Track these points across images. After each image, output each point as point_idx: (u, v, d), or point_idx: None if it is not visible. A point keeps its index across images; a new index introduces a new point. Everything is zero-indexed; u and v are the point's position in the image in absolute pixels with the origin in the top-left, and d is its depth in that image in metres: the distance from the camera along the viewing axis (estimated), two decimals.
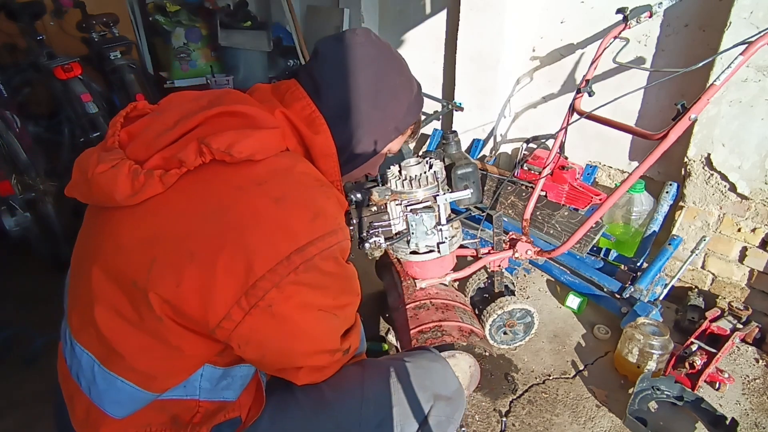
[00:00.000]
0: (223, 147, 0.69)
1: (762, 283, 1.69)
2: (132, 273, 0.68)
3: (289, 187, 0.71)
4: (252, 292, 0.65)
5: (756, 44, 1.12)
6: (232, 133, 0.71)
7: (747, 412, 1.41)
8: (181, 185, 0.70)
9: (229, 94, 0.82)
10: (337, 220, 0.73)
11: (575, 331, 1.74)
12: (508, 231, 1.62)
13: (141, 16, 3.66)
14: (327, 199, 0.73)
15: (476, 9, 2.22)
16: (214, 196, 0.69)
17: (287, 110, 0.81)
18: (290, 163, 0.75)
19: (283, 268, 0.65)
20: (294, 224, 0.68)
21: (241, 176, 0.70)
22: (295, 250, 0.66)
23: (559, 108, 2.19)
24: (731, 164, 1.61)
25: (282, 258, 0.65)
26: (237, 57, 3.45)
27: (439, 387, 0.89)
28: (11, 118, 2.17)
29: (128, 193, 0.69)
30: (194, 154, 0.69)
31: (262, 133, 0.73)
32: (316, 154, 0.83)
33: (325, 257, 0.69)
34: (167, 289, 0.65)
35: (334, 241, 0.70)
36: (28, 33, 2.71)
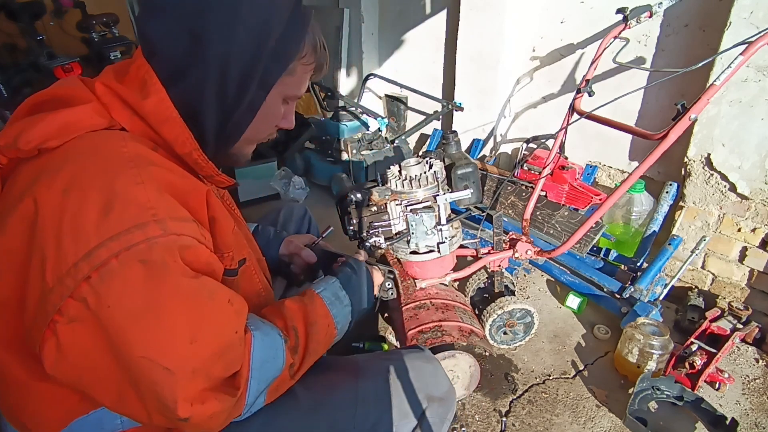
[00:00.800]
0: (9, 141, 0.60)
1: (762, 283, 1.69)
2: None
3: (82, 172, 0.57)
4: (43, 306, 0.53)
5: (756, 44, 1.12)
6: (22, 122, 0.61)
7: (747, 412, 1.41)
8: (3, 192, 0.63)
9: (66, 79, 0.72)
10: (150, 212, 0.56)
11: (575, 331, 1.74)
12: (508, 231, 1.62)
13: None
14: (134, 185, 0.57)
15: (476, 9, 2.22)
16: (12, 197, 0.60)
17: (113, 80, 0.67)
18: (90, 142, 0.61)
19: (70, 279, 0.52)
20: (81, 223, 0.54)
21: (37, 168, 0.60)
22: (83, 256, 0.52)
23: (559, 108, 2.19)
24: (731, 164, 1.61)
25: (69, 266, 0.52)
26: None
27: (432, 388, 0.89)
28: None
29: None
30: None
31: (59, 115, 0.61)
32: (154, 122, 0.67)
33: (125, 261, 0.53)
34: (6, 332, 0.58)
35: (139, 238, 0.54)
36: (28, 33, 2.72)
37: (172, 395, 0.55)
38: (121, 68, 0.70)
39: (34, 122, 0.61)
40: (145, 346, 0.54)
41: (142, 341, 0.54)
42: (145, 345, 0.54)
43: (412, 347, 0.98)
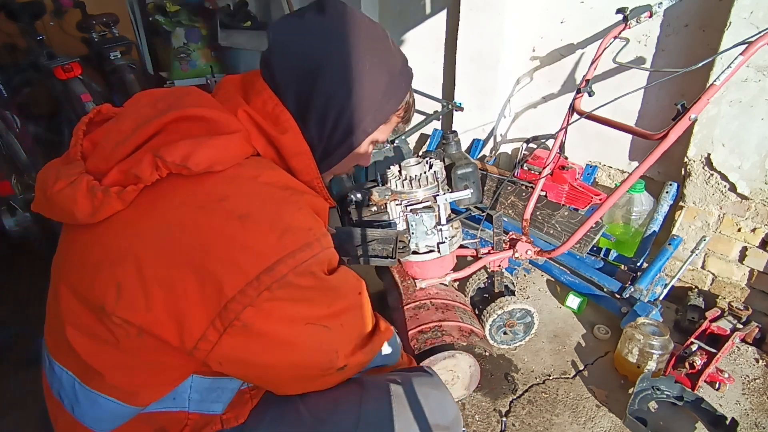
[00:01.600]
0: (177, 160, 0.64)
1: (762, 283, 1.69)
2: (98, 297, 0.65)
3: (253, 202, 0.66)
4: (224, 313, 0.62)
5: (756, 44, 1.12)
6: (188, 142, 0.66)
7: (747, 412, 1.41)
8: (141, 202, 0.66)
9: (190, 94, 0.76)
10: (311, 232, 0.67)
11: (575, 331, 1.74)
12: (508, 231, 1.62)
13: (141, 16, 3.66)
14: (297, 211, 0.68)
15: (476, 9, 2.22)
16: (175, 216, 0.64)
17: (250, 108, 0.75)
18: (254, 172, 0.70)
19: (252, 290, 0.62)
20: (260, 243, 0.63)
21: (201, 193, 0.66)
22: (264, 270, 0.62)
23: (559, 108, 2.19)
24: (731, 164, 1.61)
25: (251, 279, 0.62)
26: (237, 57, 3.45)
27: (438, 417, 0.86)
28: (11, 118, 2.17)
29: (88, 211, 0.65)
30: (150, 169, 0.65)
31: (221, 140, 0.68)
32: (287, 154, 0.77)
33: (300, 273, 0.65)
34: (138, 315, 0.63)
35: (308, 256, 0.66)
36: (28, 33, 2.71)
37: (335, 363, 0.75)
38: (248, 93, 0.77)
39: (199, 145, 0.66)
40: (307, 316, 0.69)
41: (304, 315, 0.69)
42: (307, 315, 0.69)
43: (420, 370, 0.96)
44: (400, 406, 0.83)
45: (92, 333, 0.67)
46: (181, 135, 0.68)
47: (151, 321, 0.63)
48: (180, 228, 0.63)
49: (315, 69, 0.75)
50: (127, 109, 0.77)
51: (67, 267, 0.71)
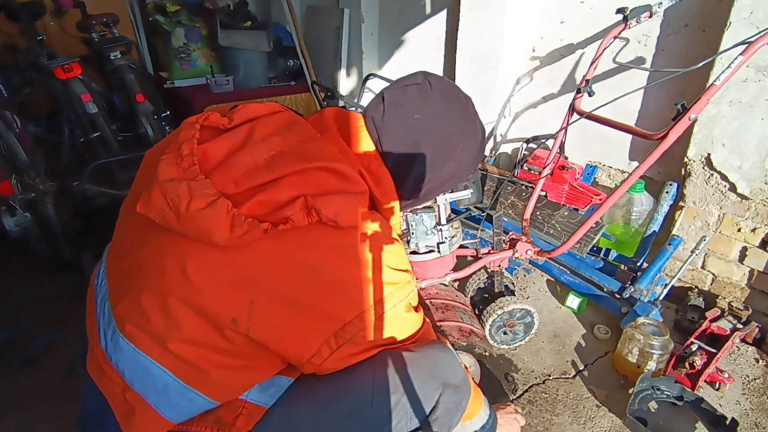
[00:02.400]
0: (331, 215, 0.74)
1: (762, 283, 1.69)
2: (229, 311, 0.72)
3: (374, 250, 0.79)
4: (340, 334, 0.75)
5: (756, 44, 1.12)
6: (339, 200, 0.76)
7: (747, 412, 1.41)
8: (284, 235, 0.73)
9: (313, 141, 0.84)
10: (409, 273, 0.84)
11: (575, 331, 1.74)
12: (508, 231, 1.62)
13: (141, 16, 3.66)
14: (400, 259, 0.83)
15: (476, 9, 2.22)
16: (313, 252, 0.75)
17: (361, 166, 0.85)
18: (373, 227, 0.81)
19: (367, 316, 0.77)
20: (376, 282, 0.78)
21: (341, 238, 0.77)
22: (378, 301, 0.78)
23: (559, 108, 2.19)
24: (731, 164, 1.61)
25: (366, 308, 0.77)
26: (237, 57, 3.45)
27: (447, 376, 0.91)
28: (11, 118, 2.17)
29: (226, 237, 0.70)
30: (303, 215, 0.73)
31: (358, 201, 0.80)
32: (380, 206, 0.89)
33: (403, 304, 0.82)
34: (267, 331, 0.73)
35: (407, 291, 0.83)
36: (28, 33, 2.71)
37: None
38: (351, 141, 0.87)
39: (347, 204, 0.77)
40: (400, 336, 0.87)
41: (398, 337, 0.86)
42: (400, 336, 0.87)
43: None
44: (411, 369, 0.87)
45: (205, 343, 0.75)
46: (319, 183, 0.77)
47: (277, 337, 0.74)
48: (316, 263, 0.74)
49: (419, 146, 0.87)
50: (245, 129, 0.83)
51: (179, 279, 0.74)
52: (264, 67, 3.50)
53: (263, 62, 3.49)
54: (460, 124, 0.91)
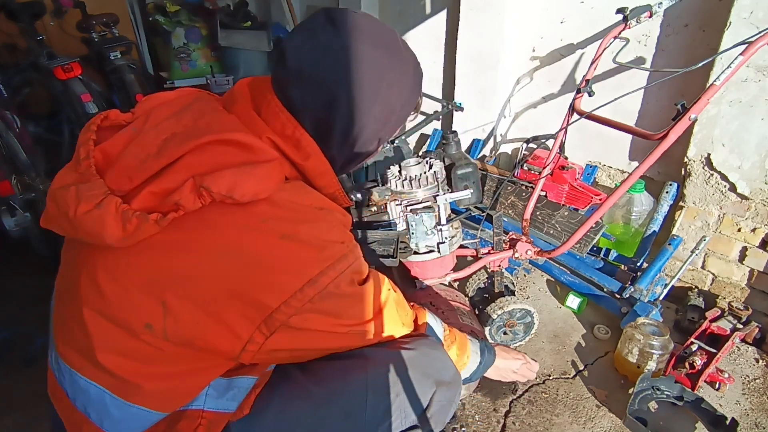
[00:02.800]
0: (224, 190, 0.66)
1: (762, 283, 1.69)
2: (142, 317, 0.67)
3: (293, 222, 0.70)
4: (270, 321, 0.68)
5: (756, 44, 1.12)
6: (232, 173, 0.67)
7: (747, 412, 1.41)
8: (181, 224, 0.67)
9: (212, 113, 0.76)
10: (345, 245, 0.74)
11: (575, 331, 1.74)
12: (508, 231, 1.62)
13: (141, 16, 3.66)
14: (332, 228, 0.74)
15: (476, 9, 2.22)
16: (220, 236, 0.67)
17: (273, 134, 0.76)
18: (291, 196, 0.73)
19: (297, 301, 0.68)
20: (302, 259, 0.69)
21: (245, 214, 0.69)
22: (307, 282, 0.68)
23: (559, 108, 2.19)
24: (731, 164, 1.61)
25: (295, 291, 0.68)
26: (237, 57, 3.45)
27: (440, 373, 0.91)
28: (11, 118, 2.17)
29: (119, 236, 0.65)
30: (193, 197, 0.66)
31: (263, 170, 0.70)
32: (312, 175, 0.80)
33: (339, 282, 0.72)
34: (187, 330, 0.67)
35: (345, 266, 0.73)
36: (28, 33, 2.71)
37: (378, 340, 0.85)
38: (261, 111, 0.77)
39: (244, 176, 0.68)
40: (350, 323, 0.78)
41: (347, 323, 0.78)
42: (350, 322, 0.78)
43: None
44: (404, 367, 0.87)
45: (129, 352, 0.69)
46: (216, 159, 0.69)
47: (200, 334, 0.68)
48: (226, 247, 0.67)
49: (334, 93, 0.75)
50: (141, 119, 0.76)
51: (87, 288, 0.70)
52: (264, 67, 3.50)
53: (263, 62, 3.49)
54: (378, 58, 0.77)
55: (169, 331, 0.67)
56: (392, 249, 1.19)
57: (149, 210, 0.66)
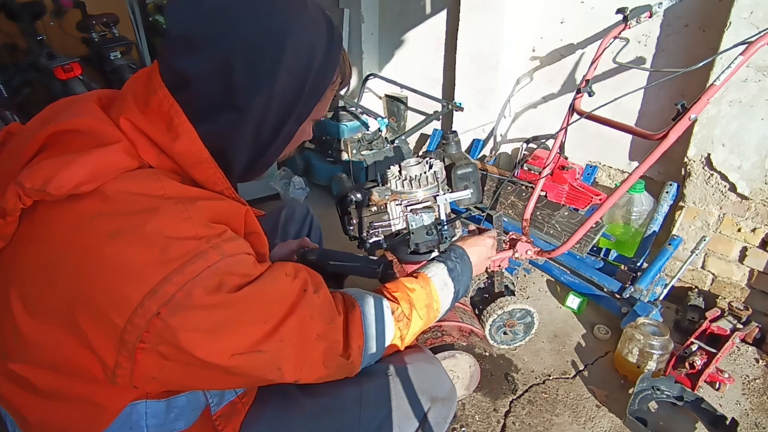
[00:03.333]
0: (37, 185, 0.55)
1: (762, 283, 1.69)
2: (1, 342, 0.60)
3: (125, 216, 0.57)
4: (123, 344, 0.55)
5: (756, 44, 1.12)
6: (49, 164, 0.57)
7: (747, 412, 1.41)
8: (21, 234, 0.60)
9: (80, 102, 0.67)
10: (203, 240, 0.58)
11: (575, 331, 1.74)
12: (508, 231, 1.62)
13: (141, 16, 3.66)
14: (183, 221, 0.58)
15: (476, 9, 2.22)
16: (52, 243, 0.58)
17: (137, 113, 0.64)
18: (129, 185, 0.59)
19: (140, 318, 0.54)
20: (138, 265, 0.55)
21: (73, 214, 0.57)
22: (147, 293, 0.54)
23: (559, 108, 2.19)
24: (731, 164, 1.61)
25: (135, 305, 0.54)
26: None
27: (435, 389, 0.89)
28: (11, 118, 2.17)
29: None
30: (13, 199, 0.57)
31: (92, 156, 0.58)
32: (184, 163, 0.65)
33: (190, 291, 0.55)
34: (47, 353, 0.58)
35: (200, 267, 0.56)
36: (28, 33, 2.72)
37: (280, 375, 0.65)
38: (141, 96, 0.65)
39: (64, 165, 0.56)
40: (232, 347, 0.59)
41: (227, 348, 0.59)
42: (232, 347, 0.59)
43: (411, 347, 0.98)
44: (398, 383, 0.84)
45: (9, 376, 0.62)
46: (56, 153, 0.60)
47: (64, 356, 0.58)
48: (58, 256, 0.57)
49: (225, 60, 0.62)
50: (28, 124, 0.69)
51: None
52: None
53: None
54: (279, 17, 0.64)
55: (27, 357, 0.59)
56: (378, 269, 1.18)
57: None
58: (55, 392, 0.61)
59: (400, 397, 0.84)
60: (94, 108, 0.65)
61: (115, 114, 0.64)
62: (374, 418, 0.82)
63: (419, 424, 0.85)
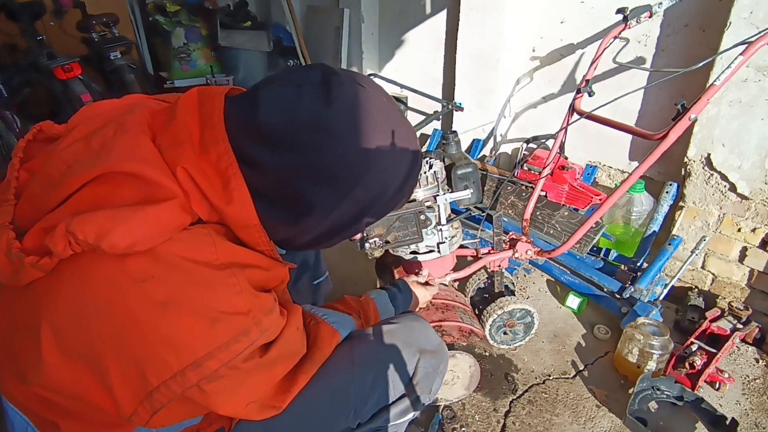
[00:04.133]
0: (90, 239, 0.55)
1: (762, 283, 1.69)
2: (22, 363, 0.62)
3: (179, 285, 0.58)
4: (150, 400, 0.58)
5: (756, 44, 1.12)
6: (104, 216, 0.56)
7: (747, 412, 1.41)
8: (62, 268, 0.59)
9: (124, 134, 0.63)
10: (250, 316, 0.61)
11: (575, 331, 1.74)
12: (508, 231, 1.62)
13: (141, 16, 3.66)
14: (233, 295, 0.60)
15: (476, 9, 2.22)
16: (92, 292, 0.58)
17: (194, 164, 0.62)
18: (183, 249, 0.59)
19: (177, 385, 0.57)
20: (184, 335, 0.57)
21: (120, 270, 0.57)
22: (190, 365, 0.57)
23: (559, 108, 2.19)
24: (731, 164, 1.61)
25: (175, 373, 0.57)
26: (237, 57, 3.45)
27: (423, 342, 0.93)
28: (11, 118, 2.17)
29: (9, 273, 0.59)
30: (62, 243, 0.56)
31: (148, 213, 0.57)
32: (233, 225, 0.65)
33: (235, 365, 0.60)
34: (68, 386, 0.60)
35: (243, 346, 0.60)
36: (28, 33, 2.72)
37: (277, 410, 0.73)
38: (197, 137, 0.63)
39: (119, 221, 0.55)
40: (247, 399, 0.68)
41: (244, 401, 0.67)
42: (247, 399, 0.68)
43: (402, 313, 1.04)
44: (388, 340, 0.89)
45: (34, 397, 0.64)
46: (106, 195, 0.59)
47: (83, 391, 0.60)
48: (97, 307, 0.58)
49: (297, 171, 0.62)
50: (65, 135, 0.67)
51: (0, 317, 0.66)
52: (264, 67, 3.51)
53: (263, 62, 3.49)
54: (369, 144, 0.64)
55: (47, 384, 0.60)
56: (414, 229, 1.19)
57: (34, 249, 0.59)
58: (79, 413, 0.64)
59: (391, 353, 0.88)
60: (149, 148, 0.62)
61: (171, 159, 0.62)
62: (367, 375, 0.85)
63: (411, 376, 0.89)
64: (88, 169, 0.59)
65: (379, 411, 0.88)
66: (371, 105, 0.65)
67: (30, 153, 0.69)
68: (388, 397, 0.88)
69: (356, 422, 0.86)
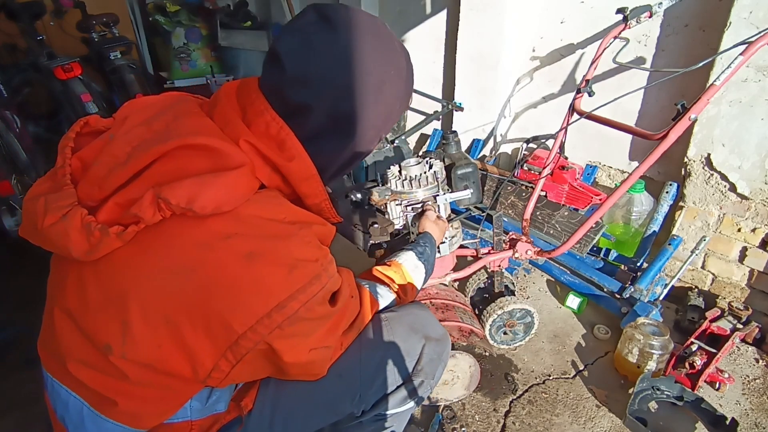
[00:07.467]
0: (183, 203, 0.62)
1: (762, 283, 1.69)
2: (103, 337, 0.65)
3: (260, 239, 0.66)
4: (235, 348, 0.64)
5: (756, 44, 1.12)
6: (192, 182, 0.63)
7: (747, 412, 1.41)
8: (142, 239, 0.64)
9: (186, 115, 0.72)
10: (319, 263, 0.69)
11: (575, 331, 1.74)
12: (508, 231, 1.62)
13: (141, 16, 3.66)
14: (305, 245, 0.69)
15: (476, 9, 2.22)
16: (179, 254, 0.64)
17: (253, 135, 0.71)
18: (259, 209, 0.68)
19: (263, 328, 0.64)
20: (269, 282, 0.64)
21: (207, 231, 0.64)
22: (275, 307, 0.64)
23: (559, 108, 2.19)
24: (731, 164, 1.61)
25: (261, 316, 0.63)
26: (237, 57, 3.45)
27: (428, 330, 0.95)
28: (11, 118, 2.17)
29: (84, 249, 0.63)
30: (152, 210, 0.62)
31: (228, 179, 0.65)
32: (295, 180, 0.75)
33: (311, 307, 0.67)
34: (148, 353, 0.64)
35: (317, 288, 0.68)
36: (28, 33, 2.71)
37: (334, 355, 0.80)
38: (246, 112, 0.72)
39: (205, 185, 0.63)
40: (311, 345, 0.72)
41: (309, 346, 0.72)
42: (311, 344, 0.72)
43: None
44: (394, 326, 0.90)
45: (99, 367, 0.67)
46: (182, 166, 0.66)
47: (161, 358, 0.65)
48: (185, 266, 0.63)
49: (339, 95, 0.72)
50: (118, 125, 0.73)
51: (65, 298, 0.69)
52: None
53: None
54: (379, 56, 0.74)
55: (128, 353, 0.64)
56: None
57: (114, 222, 0.64)
58: (144, 382, 0.68)
59: (397, 337, 0.90)
60: (213, 126, 0.71)
61: (233, 133, 0.71)
62: (373, 358, 0.87)
63: (416, 361, 0.91)
64: (161, 143, 0.66)
65: (382, 397, 0.90)
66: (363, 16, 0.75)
67: (78, 144, 0.74)
68: (393, 382, 0.89)
69: (360, 408, 0.88)
